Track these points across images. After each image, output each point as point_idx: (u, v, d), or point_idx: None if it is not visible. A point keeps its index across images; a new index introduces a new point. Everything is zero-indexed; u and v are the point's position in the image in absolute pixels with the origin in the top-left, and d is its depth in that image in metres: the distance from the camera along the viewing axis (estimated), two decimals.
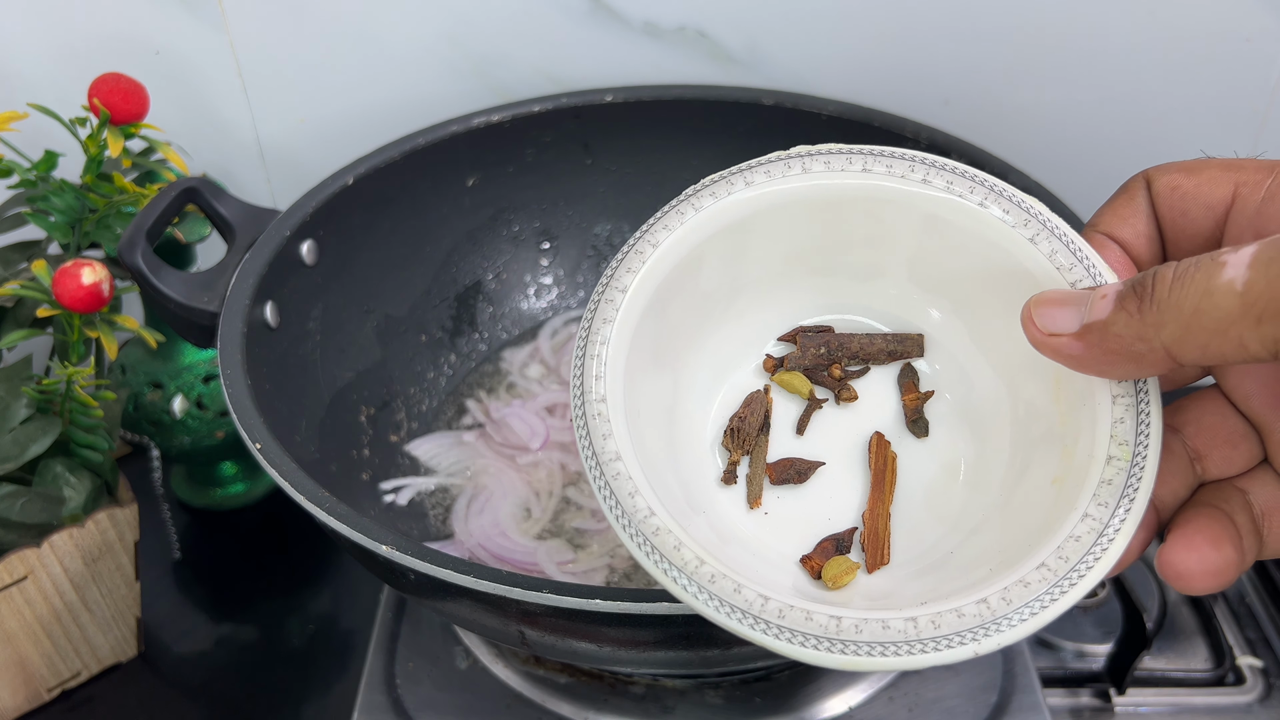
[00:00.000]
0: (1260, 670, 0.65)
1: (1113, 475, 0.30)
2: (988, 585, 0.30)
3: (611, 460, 0.33)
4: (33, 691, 0.62)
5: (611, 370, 0.35)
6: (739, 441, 0.37)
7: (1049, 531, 0.31)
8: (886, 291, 0.39)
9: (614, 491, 0.32)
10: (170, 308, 0.53)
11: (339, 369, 0.61)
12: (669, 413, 0.37)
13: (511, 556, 0.58)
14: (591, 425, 0.34)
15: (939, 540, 0.35)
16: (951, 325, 0.38)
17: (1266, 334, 0.25)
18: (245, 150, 0.76)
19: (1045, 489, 0.33)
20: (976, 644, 0.29)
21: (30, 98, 0.63)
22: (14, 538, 0.58)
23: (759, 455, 0.37)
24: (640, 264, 0.36)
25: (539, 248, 0.73)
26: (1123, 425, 0.31)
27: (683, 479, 0.36)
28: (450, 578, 0.40)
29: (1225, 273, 0.26)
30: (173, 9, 0.70)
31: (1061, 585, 0.29)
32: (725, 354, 0.39)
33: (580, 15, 0.71)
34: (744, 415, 0.37)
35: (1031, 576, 0.30)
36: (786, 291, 0.39)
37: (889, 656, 0.29)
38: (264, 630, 0.68)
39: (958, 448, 0.37)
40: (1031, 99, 0.74)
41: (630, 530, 0.32)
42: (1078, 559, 0.30)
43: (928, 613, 0.30)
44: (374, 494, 0.60)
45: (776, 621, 0.30)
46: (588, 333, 0.35)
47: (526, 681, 0.55)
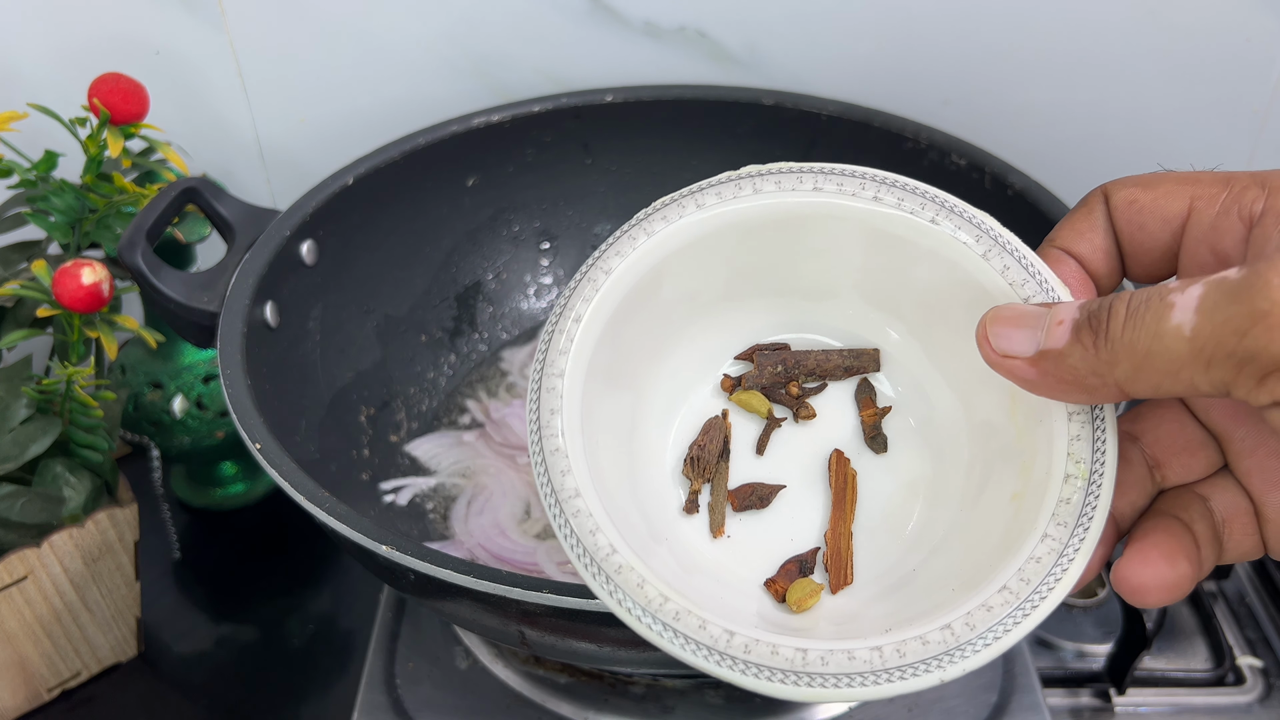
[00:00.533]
0: (1260, 670, 0.65)
1: (1070, 494, 0.31)
2: (951, 609, 0.30)
3: (571, 497, 0.32)
4: (33, 691, 0.62)
5: (568, 403, 0.34)
6: (699, 470, 0.37)
7: (1009, 551, 0.31)
8: (842, 310, 0.38)
9: (574, 530, 0.32)
10: (170, 308, 0.53)
11: (339, 369, 0.61)
12: (628, 437, 0.37)
13: (511, 556, 0.58)
14: (549, 461, 0.33)
15: (902, 557, 0.35)
16: (906, 342, 0.38)
17: (1216, 378, 0.25)
18: (245, 150, 0.76)
19: (1004, 505, 0.33)
20: (942, 671, 0.29)
21: (30, 98, 0.63)
22: (14, 538, 0.58)
23: (720, 483, 0.37)
24: (594, 292, 0.36)
25: (539, 248, 0.73)
26: (1079, 443, 0.31)
27: (643, 508, 0.36)
28: (450, 578, 0.40)
29: (1174, 316, 0.26)
30: (173, 9, 0.70)
31: (1024, 608, 0.29)
32: (683, 376, 0.39)
33: (580, 15, 0.71)
34: (703, 443, 0.37)
35: (994, 600, 0.30)
36: (743, 312, 0.39)
37: (855, 687, 0.29)
38: (264, 630, 0.68)
39: (917, 464, 0.37)
40: (1031, 99, 0.74)
41: (593, 569, 0.31)
42: (1038, 581, 0.30)
43: (892, 641, 0.30)
44: (374, 494, 0.60)
45: (743, 657, 0.30)
46: (542, 365, 0.35)
47: (526, 681, 0.55)
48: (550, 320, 0.36)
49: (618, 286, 0.36)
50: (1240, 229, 0.30)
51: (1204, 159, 0.76)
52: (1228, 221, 0.30)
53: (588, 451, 0.34)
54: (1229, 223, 0.30)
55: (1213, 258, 0.31)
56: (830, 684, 0.29)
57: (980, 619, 0.30)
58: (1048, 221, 0.57)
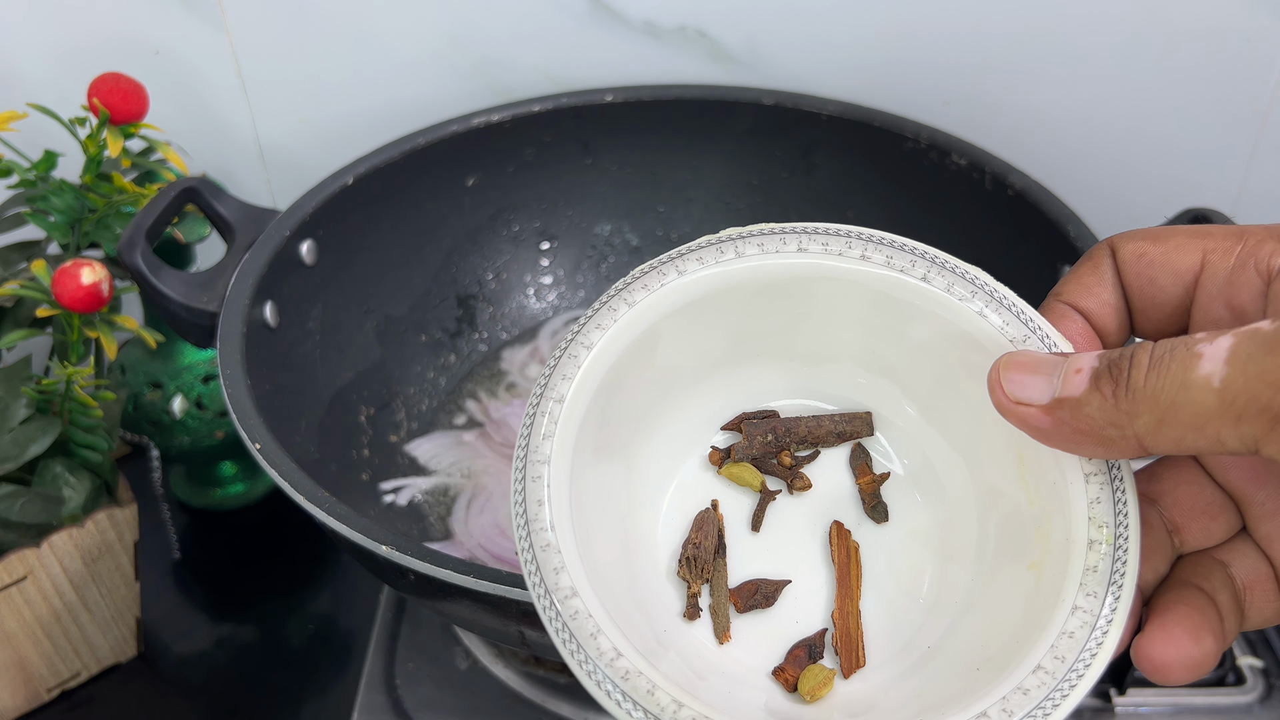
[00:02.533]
0: (1261, 670, 0.65)
1: (1096, 561, 0.29)
2: (983, 695, 0.28)
3: (567, 598, 0.30)
4: (32, 692, 0.62)
5: (555, 492, 0.32)
6: (697, 571, 0.34)
7: (1036, 626, 0.29)
8: (835, 373, 0.37)
9: (574, 634, 0.29)
10: (170, 308, 0.53)
11: (339, 369, 0.61)
12: (621, 519, 0.35)
13: (511, 557, 0.58)
14: (540, 559, 0.30)
15: (917, 631, 0.33)
16: (903, 404, 0.36)
17: (1245, 433, 0.24)
18: (245, 150, 0.76)
19: (1023, 574, 0.31)
20: None
21: (30, 97, 0.63)
22: (13, 538, 0.58)
23: (720, 582, 0.34)
24: (575, 369, 0.34)
25: (539, 248, 0.73)
26: (1099, 505, 0.30)
27: (643, 606, 0.33)
28: (450, 578, 0.40)
29: (1202, 366, 0.25)
30: (172, 9, 0.70)
31: (1061, 688, 0.28)
32: (673, 448, 0.37)
33: (580, 15, 0.71)
34: (697, 541, 0.35)
35: (1029, 682, 0.28)
36: (732, 379, 0.37)
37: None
38: (263, 630, 0.68)
39: (923, 523, 0.35)
40: (1031, 99, 0.74)
41: (596, 677, 0.29)
42: (1074, 657, 0.28)
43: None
44: (374, 494, 0.60)
45: None
46: (525, 452, 0.32)
47: (526, 681, 0.55)
48: (531, 403, 0.33)
49: (600, 360, 0.34)
50: (1258, 283, 0.29)
51: (1204, 159, 0.76)
52: (1244, 276, 0.29)
53: (580, 543, 0.31)
54: (1245, 277, 0.29)
55: (1229, 313, 0.30)
56: None
57: (1017, 703, 0.28)
58: (1048, 221, 0.57)
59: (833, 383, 0.37)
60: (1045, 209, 0.57)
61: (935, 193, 0.64)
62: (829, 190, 0.70)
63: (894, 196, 0.68)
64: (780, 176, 0.71)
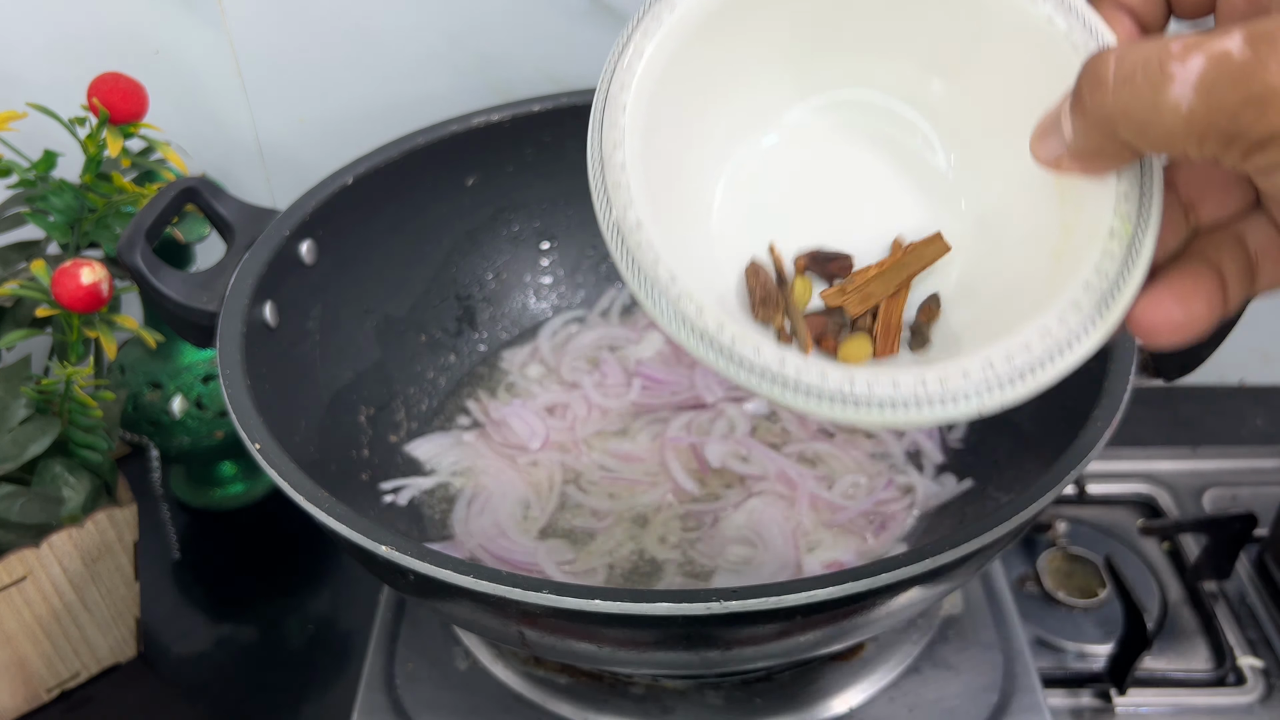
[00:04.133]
0: (1261, 671, 0.65)
1: (1115, 248, 0.31)
2: (992, 349, 0.32)
3: (633, 230, 0.33)
4: (32, 692, 0.62)
5: (630, 138, 0.35)
6: (770, 306, 0.36)
7: (1051, 299, 0.32)
8: (892, 66, 0.38)
9: (636, 261, 0.33)
10: (169, 308, 0.53)
11: (338, 369, 0.61)
12: (677, 180, 0.37)
13: (511, 556, 0.58)
14: (612, 195, 0.34)
15: (945, 313, 0.36)
16: (950, 93, 0.38)
17: (1207, 150, 0.26)
18: (244, 150, 0.76)
19: (1045, 260, 0.34)
20: (980, 400, 0.31)
21: (29, 97, 0.63)
22: (13, 538, 0.58)
23: (794, 310, 0.36)
24: (657, 27, 0.36)
25: (539, 247, 0.73)
26: (1127, 202, 0.32)
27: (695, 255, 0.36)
28: (450, 578, 0.40)
29: (1173, 90, 0.26)
30: (172, 8, 0.70)
31: (1061, 349, 0.31)
32: (730, 126, 0.39)
33: (580, 14, 0.71)
34: (754, 286, 0.36)
35: (1034, 341, 0.31)
36: (795, 64, 0.38)
37: (897, 411, 0.31)
38: (263, 631, 0.68)
39: (956, 213, 0.37)
40: None
41: (654, 296, 0.33)
42: (1077, 324, 0.31)
43: (935, 373, 0.31)
44: (373, 494, 0.60)
45: (795, 378, 0.32)
46: (604, 100, 0.35)
47: (526, 682, 0.55)
48: (610, 58, 0.36)
49: (680, 26, 0.36)
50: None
51: None
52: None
53: (649, 185, 0.34)
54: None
55: (1246, 4, 0.31)
56: (874, 407, 0.31)
57: (1020, 356, 0.31)
58: None
59: (888, 76, 0.38)
60: None
61: None
62: None
63: None
64: None
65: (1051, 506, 0.54)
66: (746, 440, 0.63)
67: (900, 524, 0.59)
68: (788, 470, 0.61)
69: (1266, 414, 0.85)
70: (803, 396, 0.32)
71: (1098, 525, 0.74)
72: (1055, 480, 0.43)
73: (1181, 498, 0.76)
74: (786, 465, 0.62)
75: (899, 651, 0.56)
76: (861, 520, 0.59)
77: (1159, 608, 0.68)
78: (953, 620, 0.58)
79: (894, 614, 0.45)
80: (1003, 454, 0.59)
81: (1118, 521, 0.75)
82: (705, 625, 0.40)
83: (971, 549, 0.41)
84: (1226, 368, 0.87)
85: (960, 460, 0.62)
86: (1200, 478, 0.78)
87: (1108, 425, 0.45)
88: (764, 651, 0.44)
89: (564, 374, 0.69)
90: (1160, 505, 0.76)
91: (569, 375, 0.69)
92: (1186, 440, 0.82)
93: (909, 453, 0.63)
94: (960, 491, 0.60)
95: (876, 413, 0.31)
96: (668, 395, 0.67)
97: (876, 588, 0.39)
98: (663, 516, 0.60)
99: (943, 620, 0.58)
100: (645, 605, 0.39)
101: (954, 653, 0.56)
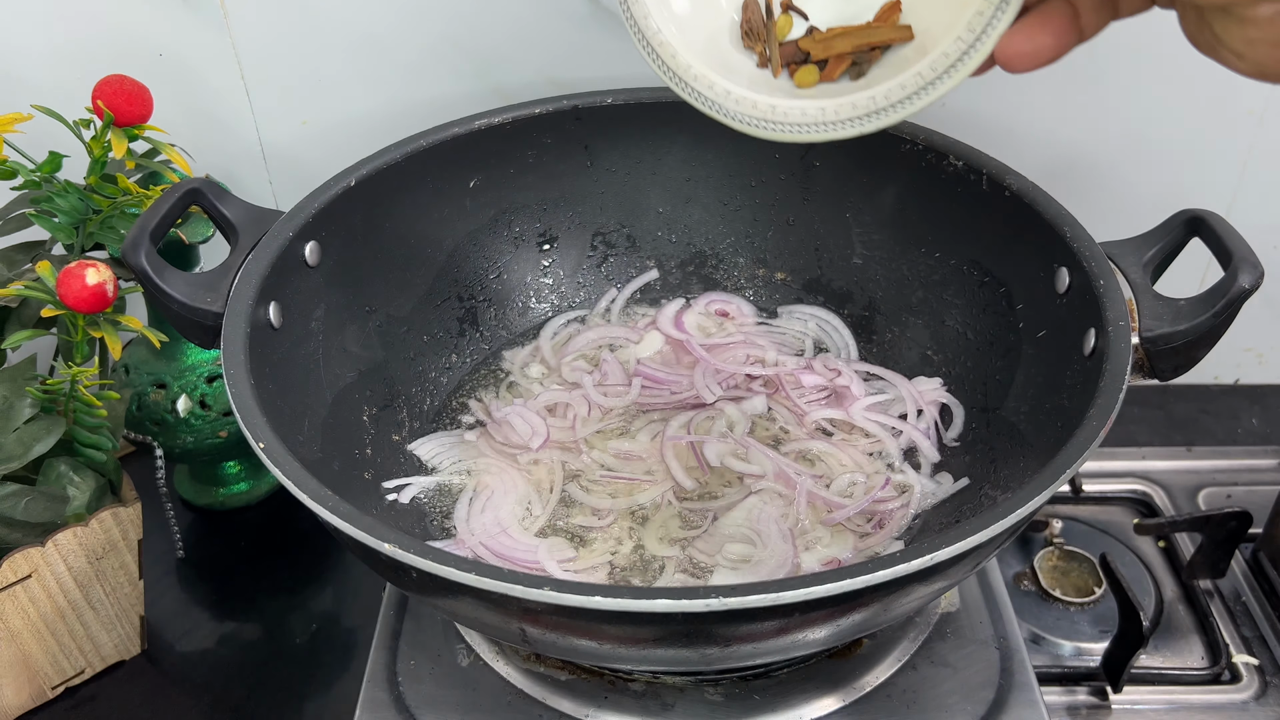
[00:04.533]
0: (1256, 668, 0.65)
1: None
2: (917, 66, 0.39)
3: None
4: (37, 689, 0.63)
5: None
6: (754, 37, 0.44)
7: (942, 39, 0.39)
8: None
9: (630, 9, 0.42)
10: (174, 308, 0.53)
11: (341, 369, 0.62)
12: None
13: (513, 554, 0.58)
14: None
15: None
16: None
17: None
18: (248, 152, 0.77)
19: (948, 11, 0.40)
20: (920, 99, 0.39)
21: (35, 100, 0.63)
22: (18, 536, 0.58)
23: (774, 40, 0.44)
24: None
25: (540, 248, 0.73)
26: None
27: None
28: (452, 575, 0.40)
29: None
30: (176, 12, 0.70)
31: (969, 54, 0.38)
32: None
33: (581, 18, 0.72)
34: (747, 18, 0.44)
35: (949, 47, 0.38)
36: None
37: (855, 122, 0.40)
38: (267, 628, 0.68)
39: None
40: (1028, 100, 0.75)
41: (640, 40, 0.42)
42: (974, 38, 0.38)
43: (880, 90, 0.40)
44: (376, 493, 0.60)
45: (766, 117, 0.42)
46: None
47: (527, 678, 0.55)
48: None
49: None
50: None
51: (1200, 159, 0.77)
52: None
53: None
54: None
55: None
56: (790, 128, 0.41)
57: (940, 62, 0.39)
58: (1044, 222, 0.57)
59: None
60: (1041, 210, 0.58)
61: (933, 194, 0.65)
62: (828, 191, 0.71)
63: (892, 197, 0.68)
64: (779, 177, 0.72)
65: (1047, 505, 0.54)
66: (745, 439, 0.64)
67: (897, 522, 0.59)
68: (786, 469, 0.62)
69: (1261, 413, 0.86)
70: (738, 122, 0.42)
71: (1093, 524, 0.75)
72: (1051, 479, 0.44)
73: (1176, 496, 0.77)
74: (785, 464, 0.62)
75: (896, 649, 0.57)
76: (859, 518, 0.59)
77: (1154, 606, 0.69)
78: (949, 618, 0.59)
79: (891, 611, 0.45)
80: (999, 453, 0.59)
81: (1113, 520, 0.75)
82: (704, 622, 0.41)
83: (968, 547, 0.41)
84: (1221, 367, 0.88)
85: (957, 459, 0.63)
86: (1195, 476, 0.79)
87: (1103, 424, 0.46)
88: (763, 648, 0.44)
89: (565, 373, 0.70)
90: (1155, 504, 0.76)
91: (570, 375, 0.70)
92: (1181, 439, 0.82)
93: (906, 451, 0.64)
94: (957, 490, 0.60)
95: (790, 132, 0.41)
96: (667, 395, 0.68)
97: (874, 585, 0.40)
98: (662, 515, 0.60)
99: (940, 618, 0.58)
100: (645, 602, 0.39)
101: (951, 650, 0.57)
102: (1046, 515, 0.74)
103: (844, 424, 0.66)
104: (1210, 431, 0.84)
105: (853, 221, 0.71)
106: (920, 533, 0.59)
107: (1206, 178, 0.77)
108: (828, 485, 0.62)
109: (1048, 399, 0.56)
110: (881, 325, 0.71)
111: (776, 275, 0.74)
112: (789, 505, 0.60)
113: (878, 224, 0.70)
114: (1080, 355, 0.53)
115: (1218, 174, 0.77)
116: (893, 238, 0.69)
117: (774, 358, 0.70)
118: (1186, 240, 0.55)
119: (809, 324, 0.72)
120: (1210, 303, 0.50)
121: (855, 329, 0.71)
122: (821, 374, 0.68)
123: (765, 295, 0.75)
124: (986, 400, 0.63)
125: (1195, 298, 0.51)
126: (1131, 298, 0.53)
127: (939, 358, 0.67)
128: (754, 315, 0.74)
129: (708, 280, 0.75)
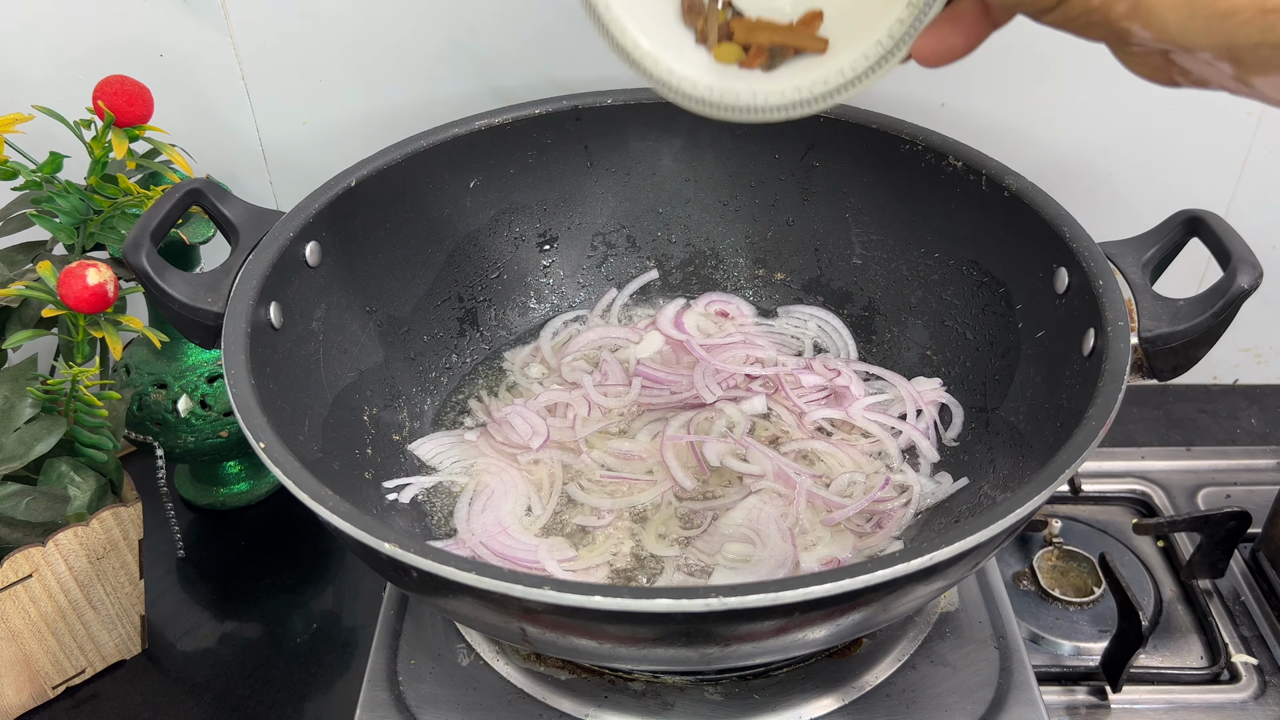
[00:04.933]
0: (1255, 668, 0.65)
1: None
2: (846, 54, 0.42)
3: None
4: (37, 689, 0.63)
5: None
6: (694, 13, 0.45)
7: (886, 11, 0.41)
8: None
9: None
10: (175, 308, 0.53)
11: (342, 369, 0.62)
12: None
13: (513, 554, 0.58)
14: None
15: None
16: None
17: None
18: (248, 152, 0.77)
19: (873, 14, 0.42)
20: (857, 85, 0.42)
21: (35, 100, 0.63)
22: (19, 536, 0.58)
23: (712, 17, 0.45)
24: None
25: (540, 248, 0.73)
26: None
27: None
28: (453, 575, 0.40)
29: None
30: (176, 13, 0.70)
31: (900, 46, 0.40)
32: None
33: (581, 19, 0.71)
34: None
35: (869, 49, 0.41)
36: None
37: (782, 109, 0.43)
38: (267, 627, 0.69)
39: None
40: (1027, 101, 0.75)
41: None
42: (901, 34, 0.40)
43: (821, 74, 0.42)
44: (377, 493, 0.60)
45: (708, 98, 0.44)
46: None
47: (527, 678, 0.55)
48: None
49: None
50: None
51: (1198, 160, 0.77)
52: None
53: None
54: None
55: None
56: (710, 106, 0.44)
57: (874, 51, 0.41)
58: (1043, 221, 0.57)
59: None
60: (1040, 210, 0.58)
61: (932, 194, 0.65)
62: (828, 191, 0.71)
63: (891, 198, 0.68)
64: (779, 178, 0.72)
65: (1046, 505, 0.55)
66: (745, 439, 0.64)
67: (897, 522, 0.59)
68: (785, 469, 0.62)
69: (1260, 413, 0.86)
70: (673, 94, 0.44)
71: (1093, 524, 0.75)
72: (1050, 479, 0.44)
73: (1175, 496, 0.77)
74: (784, 464, 0.62)
75: (896, 648, 0.57)
76: (858, 518, 0.59)
77: (1153, 605, 0.69)
78: (949, 617, 0.59)
79: (891, 611, 0.45)
80: (998, 453, 0.59)
81: (1112, 520, 0.75)
82: (704, 622, 0.41)
83: (967, 547, 0.41)
84: (1220, 368, 0.88)
85: (956, 459, 0.63)
86: (1194, 476, 0.79)
87: (1102, 424, 0.46)
88: (762, 648, 0.44)
89: (565, 374, 0.70)
90: (1155, 504, 0.76)
91: (570, 375, 0.70)
92: (1180, 439, 0.83)
93: (905, 451, 0.64)
94: (956, 490, 0.60)
95: (711, 110, 0.43)
96: (667, 395, 0.68)
97: (873, 585, 0.40)
98: (662, 514, 0.60)
99: (939, 617, 0.59)
100: (645, 602, 0.39)
101: (950, 649, 0.57)
102: (1046, 515, 0.74)
103: (843, 424, 0.66)
104: (1209, 431, 0.84)
105: (852, 222, 0.71)
106: (920, 532, 0.59)
107: (1205, 178, 0.78)
108: (827, 485, 0.62)
109: (1047, 399, 0.56)
110: (881, 325, 0.71)
111: (776, 275, 0.74)
112: (788, 505, 0.60)
113: (877, 224, 0.70)
114: (1079, 355, 0.53)
115: (1217, 174, 0.77)
116: (892, 238, 0.69)
117: (773, 358, 0.70)
118: (1185, 240, 0.55)
119: (808, 324, 0.73)
120: (1209, 303, 0.50)
121: (855, 329, 0.72)
122: (821, 374, 0.68)
123: (765, 295, 0.75)
124: (986, 400, 0.63)
125: (1194, 298, 0.51)
126: (1130, 298, 0.53)
127: (938, 358, 0.67)
128: (753, 315, 0.74)
129: (707, 280, 0.75)
